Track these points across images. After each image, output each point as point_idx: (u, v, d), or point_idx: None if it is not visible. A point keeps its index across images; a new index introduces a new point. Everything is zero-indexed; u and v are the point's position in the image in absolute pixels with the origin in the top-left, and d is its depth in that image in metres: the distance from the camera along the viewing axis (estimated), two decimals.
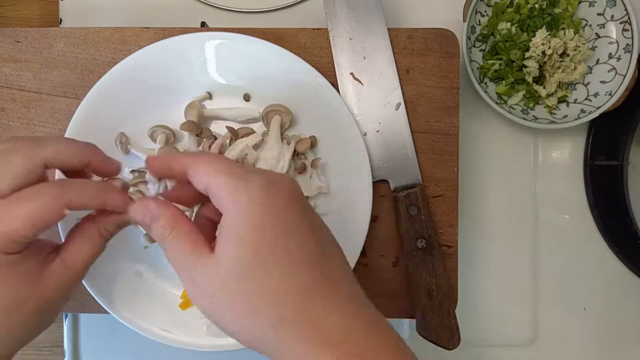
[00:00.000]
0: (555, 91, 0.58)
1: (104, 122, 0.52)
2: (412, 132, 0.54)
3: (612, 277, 0.61)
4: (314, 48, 0.54)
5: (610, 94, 0.56)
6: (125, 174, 0.52)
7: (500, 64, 0.57)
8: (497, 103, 0.56)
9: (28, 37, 0.54)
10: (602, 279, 0.61)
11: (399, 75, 0.54)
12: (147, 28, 0.54)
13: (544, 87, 0.58)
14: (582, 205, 0.61)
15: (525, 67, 0.57)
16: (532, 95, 0.58)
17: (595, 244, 0.61)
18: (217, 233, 0.33)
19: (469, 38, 0.56)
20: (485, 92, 0.56)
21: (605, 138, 0.59)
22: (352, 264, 0.51)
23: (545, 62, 0.57)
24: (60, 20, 0.60)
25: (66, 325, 0.59)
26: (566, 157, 0.61)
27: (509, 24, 0.57)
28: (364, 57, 0.54)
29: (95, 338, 0.59)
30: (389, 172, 0.53)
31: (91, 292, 0.51)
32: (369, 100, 0.53)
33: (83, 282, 0.51)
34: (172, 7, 0.60)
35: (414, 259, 0.52)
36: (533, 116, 0.57)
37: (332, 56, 0.54)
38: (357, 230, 0.51)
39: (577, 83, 0.58)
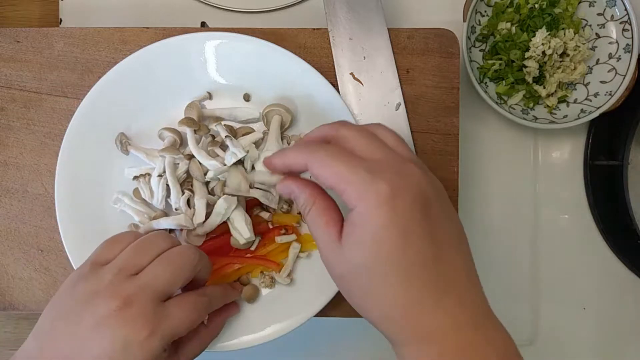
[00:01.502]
0: (555, 91, 0.58)
1: (104, 122, 0.52)
2: (412, 132, 0.54)
3: (612, 277, 0.61)
4: (314, 48, 0.54)
5: (610, 94, 0.56)
6: (126, 174, 0.52)
7: (500, 64, 0.57)
8: (497, 103, 0.56)
9: (28, 37, 0.54)
10: (602, 279, 0.61)
11: (399, 75, 0.54)
12: (147, 28, 0.54)
13: (544, 87, 0.58)
14: (582, 205, 0.61)
15: (525, 67, 0.57)
16: (532, 95, 0.58)
17: (595, 244, 0.61)
18: (345, 222, 0.36)
19: (469, 38, 0.56)
20: (485, 92, 0.56)
21: (605, 138, 0.59)
22: None
23: (545, 62, 0.57)
24: (60, 20, 0.60)
25: None
26: (566, 157, 0.61)
27: (509, 24, 0.57)
28: (364, 57, 0.54)
29: None
30: None
31: None
32: (369, 100, 0.53)
33: None
34: (172, 7, 0.60)
35: None
36: (533, 116, 0.57)
37: (332, 56, 0.54)
38: None
39: (577, 83, 0.58)
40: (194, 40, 0.51)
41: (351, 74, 0.54)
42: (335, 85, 0.53)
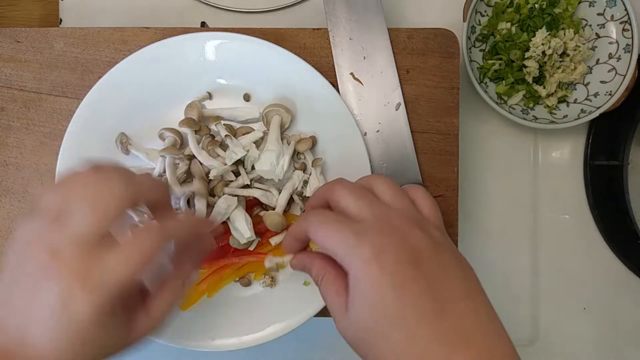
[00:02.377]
0: (555, 91, 0.58)
1: (104, 122, 0.52)
2: (412, 132, 0.54)
3: (612, 277, 0.61)
4: (314, 48, 0.54)
5: (610, 94, 0.56)
6: None
7: (500, 64, 0.57)
8: (497, 103, 0.56)
9: (28, 37, 0.54)
10: (602, 279, 0.61)
11: (399, 75, 0.54)
12: (147, 28, 0.54)
13: (544, 87, 0.58)
14: (582, 205, 0.61)
15: (525, 67, 0.57)
16: (532, 95, 0.58)
17: (595, 244, 0.61)
18: (347, 288, 0.36)
19: (469, 38, 0.56)
20: (485, 92, 0.56)
21: (605, 138, 0.59)
22: None
23: (545, 62, 0.57)
24: (60, 20, 0.60)
25: None
26: (566, 157, 0.61)
27: (509, 24, 0.57)
28: (364, 57, 0.54)
29: None
30: (389, 172, 0.53)
31: None
32: (369, 100, 0.53)
33: None
34: (172, 7, 0.60)
35: None
36: (533, 116, 0.57)
37: (332, 56, 0.54)
38: None
39: (577, 83, 0.58)
40: (194, 40, 0.51)
41: (351, 74, 0.54)
42: (335, 85, 0.53)
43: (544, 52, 0.56)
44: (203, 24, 0.60)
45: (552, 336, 0.61)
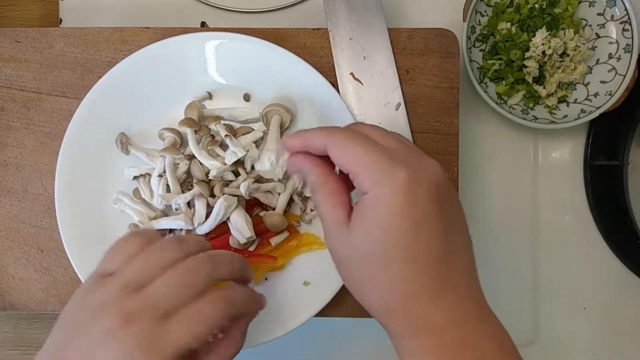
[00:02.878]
0: (555, 91, 0.58)
1: (104, 122, 0.52)
2: (412, 132, 0.54)
3: (612, 277, 0.61)
4: (314, 48, 0.54)
5: (610, 94, 0.56)
6: (126, 174, 0.52)
7: (500, 64, 0.57)
8: (497, 103, 0.56)
9: (28, 37, 0.54)
10: (602, 279, 0.61)
11: (399, 75, 0.54)
12: (147, 28, 0.54)
13: (544, 87, 0.58)
14: (582, 205, 0.61)
15: (525, 67, 0.57)
16: (532, 95, 0.58)
17: (595, 244, 0.61)
18: (355, 206, 0.35)
19: (469, 38, 0.56)
20: (485, 92, 0.56)
21: (605, 138, 0.59)
22: None
23: (545, 62, 0.57)
24: (60, 20, 0.60)
25: None
26: (566, 157, 0.61)
27: (509, 24, 0.57)
28: (364, 57, 0.54)
29: None
30: None
31: None
32: (369, 100, 0.53)
33: (83, 281, 0.51)
34: (172, 7, 0.60)
35: None
36: (533, 116, 0.57)
37: (332, 56, 0.54)
38: None
39: (577, 83, 0.58)
40: (194, 40, 0.51)
41: (351, 74, 0.54)
42: (335, 85, 0.53)
43: (544, 52, 0.56)
44: (203, 24, 0.60)
45: (552, 336, 0.61)
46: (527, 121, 0.56)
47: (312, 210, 0.52)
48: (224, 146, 0.51)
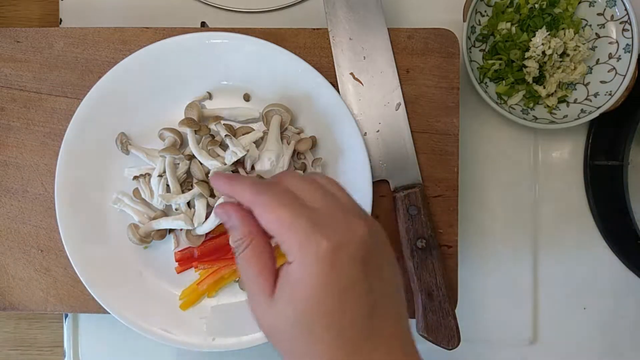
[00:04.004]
0: (555, 91, 0.58)
1: (104, 122, 0.52)
2: (412, 132, 0.54)
3: (612, 277, 0.61)
4: (314, 48, 0.54)
5: (610, 94, 0.56)
6: (126, 174, 0.52)
7: (500, 64, 0.57)
8: (497, 103, 0.56)
9: (28, 37, 0.54)
10: (602, 279, 0.61)
11: (399, 75, 0.54)
12: (147, 28, 0.54)
13: (544, 87, 0.58)
14: (582, 205, 0.61)
15: (525, 67, 0.57)
16: (532, 95, 0.58)
17: (595, 244, 0.61)
18: (280, 273, 0.34)
19: (469, 38, 0.56)
20: (485, 92, 0.56)
21: (605, 138, 0.59)
22: None
23: (545, 62, 0.57)
24: (60, 20, 0.60)
25: (66, 325, 0.59)
26: (566, 157, 0.61)
27: (509, 24, 0.57)
28: (364, 57, 0.54)
29: (95, 338, 0.59)
30: (389, 172, 0.53)
31: (91, 293, 0.51)
32: (369, 100, 0.53)
33: (83, 281, 0.51)
34: (172, 7, 0.60)
35: (414, 258, 0.52)
36: (533, 116, 0.57)
37: (332, 56, 0.54)
38: None
39: (577, 83, 0.58)
40: (194, 40, 0.51)
41: (351, 74, 0.54)
42: (335, 85, 0.53)
43: (544, 52, 0.56)
44: (203, 24, 0.60)
45: (552, 336, 0.61)
46: (527, 121, 0.56)
47: None
48: (224, 146, 0.51)
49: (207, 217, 0.50)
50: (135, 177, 0.52)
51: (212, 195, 0.50)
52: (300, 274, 0.33)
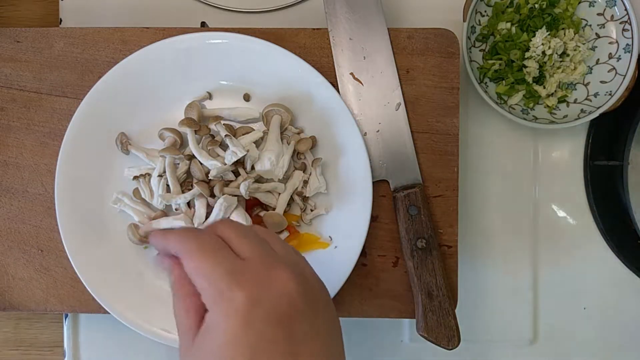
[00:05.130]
0: (555, 91, 0.58)
1: (104, 122, 0.52)
2: (412, 132, 0.54)
3: (612, 277, 0.61)
4: (314, 48, 0.54)
5: (610, 94, 0.56)
6: (126, 174, 0.52)
7: (500, 64, 0.57)
8: (497, 103, 0.56)
9: (28, 37, 0.54)
10: (602, 279, 0.61)
11: (399, 75, 0.54)
12: (147, 28, 0.54)
13: (544, 87, 0.58)
14: (582, 205, 0.61)
15: (525, 67, 0.57)
16: (532, 95, 0.58)
17: (595, 244, 0.61)
18: (203, 322, 0.33)
19: (469, 38, 0.56)
20: (485, 92, 0.56)
21: (605, 138, 0.59)
22: (352, 264, 0.51)
23: (545, 62, 0.57)
24: (60, 20, 0.60)
25: (66, 325, 0.59)
26: (566, 157, 0.61)
27: (509, 24, 0.57)
28: (364, 57, 0.54)
29: (95, 338, 0.59)
30: (389, 172, 0.53)
31: (91, 292, 0.51)
32: (369, 100, 0.53)
33: (83, 281, 0.51)
34: (172, 7, 0.60)
35: (414, 259, 0.52)
36: (533, 116, 0.57)
37: (332, 56, 0.54)
38: (357, 230, 0.51)
39: (577, 83, 0.58)
40: (194, 40, 0.51)
41: (351, 74, 0.54)
42: (335, 85, 0.53)
43: (544, 52, 0.56)
44: (203, 24, 0.60)
45: (552, 336, 0.61)
46: (527, 121, 0.56)
47: (312, 210, 0.52)
48: (224, 146, 0.51)
49: (207, 217, 0.50)
50: (135, 177, 0.52)
51: (212, 195, 0.50)
52: (212, 326, 0.32)
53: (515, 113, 0.57)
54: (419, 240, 0.51)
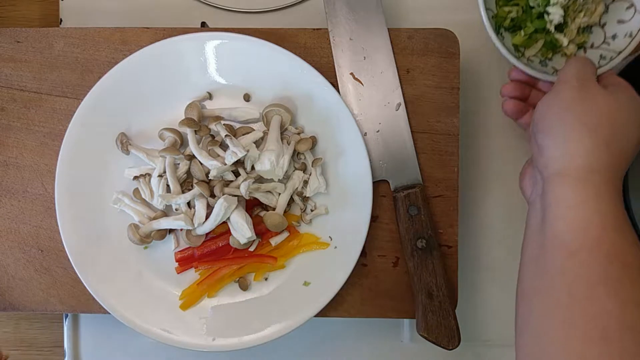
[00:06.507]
0: (574, 38, 0.52)
1: (104, 122, 0.52)
2: (412, 132, 0.54)
3: None
4: (314, 48, 0.54)
5: (630, 36, 0.50)
6: (126, 174, 0.52)
7: (517, 11, 0.52)
8: (514, 56, 0.51)
9: (28, 37, 0.54)
10: None
11: (399, 75, 0.54)
12: (147, 28, 0.54)
13: (564, 35, 0.52)
14: None
15: (548, 13, 0.51)
16: (553, 45, 0.52)
17: None
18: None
19: None
20: (503, 44, 0.51)
21: None
22: (352, 264, 0.51)
23: (568, 7, 0.51)
24: (60, 20, 0.60)
25: (66, 325, 0.59)
26: None
27: None
28: (364, 57, 0.54)
29: (95, 338, 0.59)
30: (389, 172, 0.53)
31: (91, 292, 0.51)
32: (369, 100, 0.53)
33: (83, 281, 0.51)
34: (172, 7, 0.60)
35: (414, 259, 0.52)
36: (552, 67, 0.53)
37: (332, 56, 0.54)
38: (357, 231, 0.51)
39: (594, 25, 0.53)
40: (194, 40, 0.51)
41: (351, 74, 0.54)
42: (335, 85, 0.53)
43: None
44: (203, 24, 0.60)
45: None
46: (548, 74, 0.51)
47: (312, 210, 0.52)
48: (224, 146, 0.51)
49: (207, 217, 0.50)
50: (135, 177, 0.52)
51: (212, 195, 0.50)
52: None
53: (534, 65, 0.52)
54: (419, 240, 0.51)
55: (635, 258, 0.39)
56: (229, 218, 0.50)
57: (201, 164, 0.50)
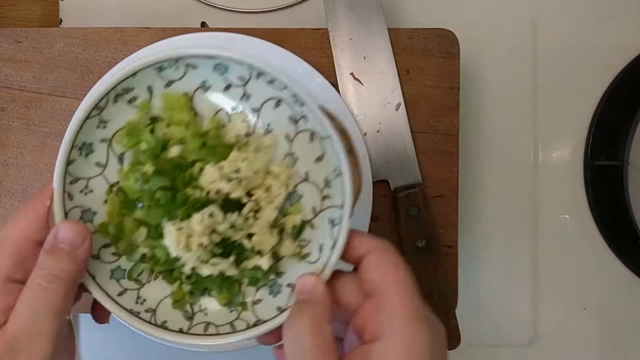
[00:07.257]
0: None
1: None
2: (412, 132, 0.54)
3: (612, 277, 0.61)
4: (314, 48, 0.54)
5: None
6: None
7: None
8: None
9: (28, 37, 0.54)
10: (602, 279, 0.61)
11: (399, 75, 0.54)
12: (147, 28, 0.54)
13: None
14: (582, 205, 0.61)
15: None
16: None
17: (595, 244, 0.61)
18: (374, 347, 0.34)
19: None
20: None
21: (605, 138, 0.59)
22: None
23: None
24: (60, 20, 0.60)
25: None
26: (566, 157, 0.61)
27: None
28: (364, 57, 0.54)
29: (95, 338, 0.59)
30: (389, 172, 0.53)
31: (92, 293, 0.51)
32: (369, 100, 0.53)
33: (83, 281, 0.51)
34: (172, 7, 0.60)
35: (414, 259, 0.51)
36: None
37: (332, 56, 0.54)
38: None
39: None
40: (194, 40, 0.51)
41: (351, 74, 0.54)
42: (335, 85, 0.53)
43: None
44: (203, 24, 0.60)
45: (552, 336, 0.61)
46: None
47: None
48: None
49: None
50: None
51: None
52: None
53: None
54: (419, 241, 0.51)
55: None
56: None
57: None
